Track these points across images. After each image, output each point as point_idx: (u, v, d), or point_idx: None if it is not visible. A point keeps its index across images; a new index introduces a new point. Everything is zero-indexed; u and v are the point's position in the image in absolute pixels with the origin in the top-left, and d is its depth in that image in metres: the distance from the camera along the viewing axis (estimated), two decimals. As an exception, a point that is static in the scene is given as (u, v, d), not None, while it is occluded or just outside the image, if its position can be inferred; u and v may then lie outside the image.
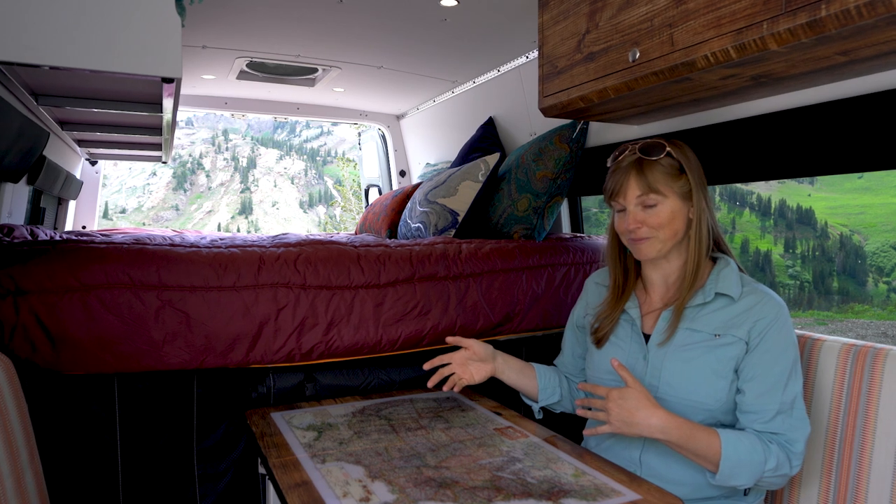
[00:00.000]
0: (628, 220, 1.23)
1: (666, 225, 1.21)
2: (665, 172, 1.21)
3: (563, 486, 1.07)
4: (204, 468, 1.53)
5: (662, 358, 1.23)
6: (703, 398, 1.18)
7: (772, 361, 1.16)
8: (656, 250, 1.24)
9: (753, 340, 1.17)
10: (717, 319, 1.21)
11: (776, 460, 1.11)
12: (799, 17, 0.96)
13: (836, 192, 44.64)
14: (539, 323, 1.92)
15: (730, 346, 1.18)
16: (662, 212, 1.21)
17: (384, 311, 1.67)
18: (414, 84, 3.00)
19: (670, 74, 1.24)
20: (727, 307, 1.21)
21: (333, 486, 1.07)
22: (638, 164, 1.22)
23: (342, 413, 1.49)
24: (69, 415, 1.41)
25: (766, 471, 1.11)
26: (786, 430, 1.14)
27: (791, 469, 1.13)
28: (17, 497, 1.10)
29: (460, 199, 2.20)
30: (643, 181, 1.21)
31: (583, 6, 1.47)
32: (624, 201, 1.24)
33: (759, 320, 1.17)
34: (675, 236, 1.23)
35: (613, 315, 1.33)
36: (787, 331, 1.18)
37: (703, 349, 1.20)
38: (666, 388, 1.22)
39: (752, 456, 1.11)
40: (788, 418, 1.14)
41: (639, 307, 1.32)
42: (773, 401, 1.15)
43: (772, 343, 1.16)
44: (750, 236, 44.36)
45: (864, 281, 39.32)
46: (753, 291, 1.21)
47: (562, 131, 2.10)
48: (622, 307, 1.33)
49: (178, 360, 1.47)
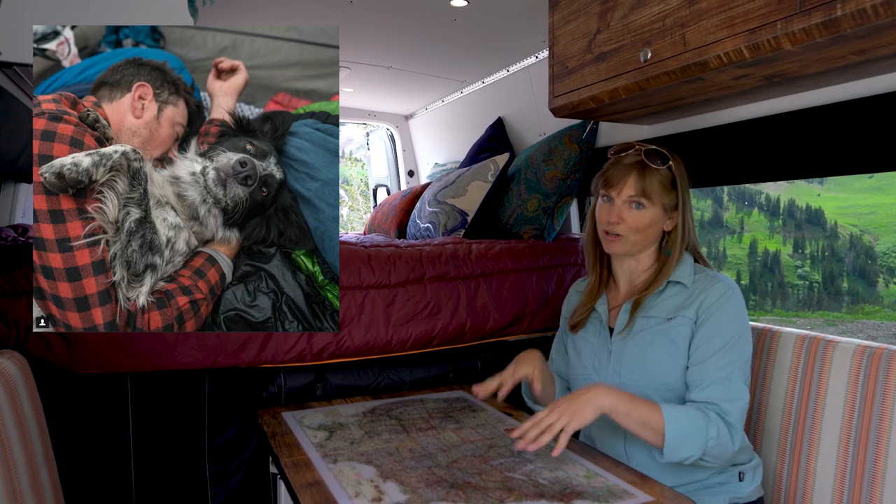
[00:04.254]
0: (612, 211, 1.30)
1: (642, 230, 1.28)
2: (661, 182, 1.28)
3: (575, 488, 1.07)
4: (215, 467, 1.54)
5: (622, 346, 1.30)
6: (662, 378, 1.24)
7: (711, 334, 1.20)
8: (624, 249, 1.31)
9: (700, 318, 1.23)
10: (670, 305, 1.28)
11: (716, 427, 1.13)
12: (814, 16, 0.95)
13: (846, 191, 44.29)
14: (549, 323, 1.92)
15: (680, 327, 1.24)
16: (643, 217, 1.28)
17: (394, 312, 1.68)
18: (423, 84, 3.01)
19: (682, 74, 1.24)
20: (680, 293, 1.28)
21: (346, 485, 1.08)
22: (641, 166, 1.28)
23: (353, 413, 1.49)
24: (83, 413, 1.42)
25: (709, 439, 1.12)
26: (720, 399, 1.16)
27: (732, 442, 1.15)
28: (32, 494, 1.11)
29: (469, 199, 2.20)
30: (640, 184, 1.27)
31: (594, 6, 1.47)
32: (616, 195, 1.30)
33: (705, 300, 1.23)
34: (644, 241, 1.30)
35: (588, 307, 1.40)
36: (733, 308, 1.22)
37: (657, 333, 1.26)
38: (627, 374, 1.28)
39: (693, 422, 1.13)
40: (724, 388, 1.17)
41: (607, 303, 1.39)
42: (708, 369, 1.18)
43: (715, 319, 1.21)
44: (758, 236, 44.09)
45: (874, 281, 39.00)
46: (704, 277, 1.28)
47: (571, 131, 2.09)
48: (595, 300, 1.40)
49: (190, 360, 1.47)
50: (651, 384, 1.25)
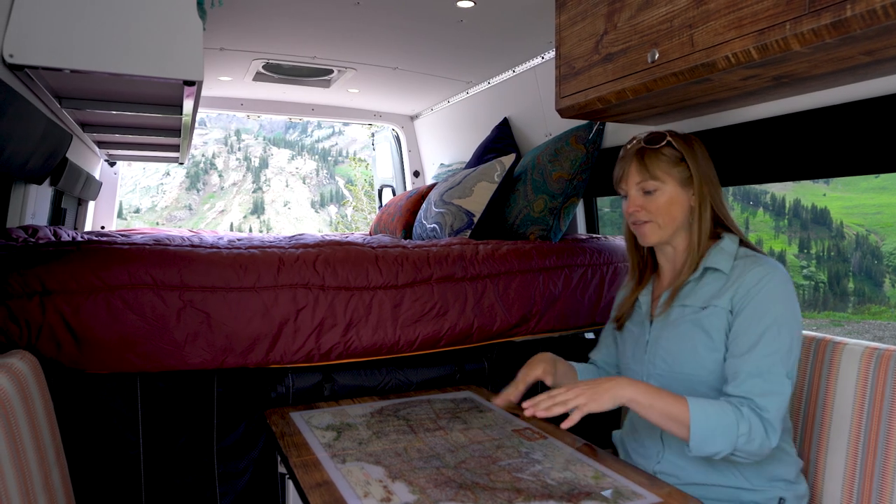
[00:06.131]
0: (629, 203, 1.30)
1: (664, 210, 1.26)
2: (665, 161, 1.27)
3: (584, 489, 1.07)
4: (224, 467, 1.55)
5: (658, 336, 1.30)
6: (693, 369, 1.22)
7: (747, 325, 1.15)
8: (657, 236, 1.29)
9: (736, 307, 1.17)
10: (706, 293, 1.24)
11: (748, 424, 1.08)
12: (823, 17, 0.95)
13: (852, 191, 44.03)
14: (556, 324, 1.92)
15: (713, 317, 1.20)
16: (660, 197, 1.27)
17: (402, 312, 1.68)
18: (428, 85, 3.01)
19: (690, 75, 1.24)
20: (717, 280, 1.23)
21: (354, 486, 1.08)
22: (640, 152, 1.29)
23: (360, 413, 1.50)
24: (93, 413, 1.43)
25: (739, 434, 1.08)
26: (755, 394, 1.10)
27: (768, 438, 1.09)
28: (44, 493, 1.12)
29: (476, 199, 2.20)
30: (643, 168, 1.27)
31: (601, 7, 1.47)
32: (626, 186, 1.31)
33: (742, 286, 1.17)
34: (673, 222, 1.27)
35: (630, 300, 1.41)
36: (772, 293, 1.15)
37: (690, 323, 1.24)
38: (661, 364, 1.27)
39: (723, 419, 1.09)
40: (761, 382, 1.11)
41: (650, 293, 1.38)
42: (745, 363, 1.13)
43: (751, 308, 1.15)
44: (764, 236, 43.88)
45: (880, 282, 38.75)
46: (745, 262, 1.21)
47: (578, 132, 2.09)
48: (637, 294, 1.40)
49: (200, 360, 1.48)
50: (682, 374, 1.23)
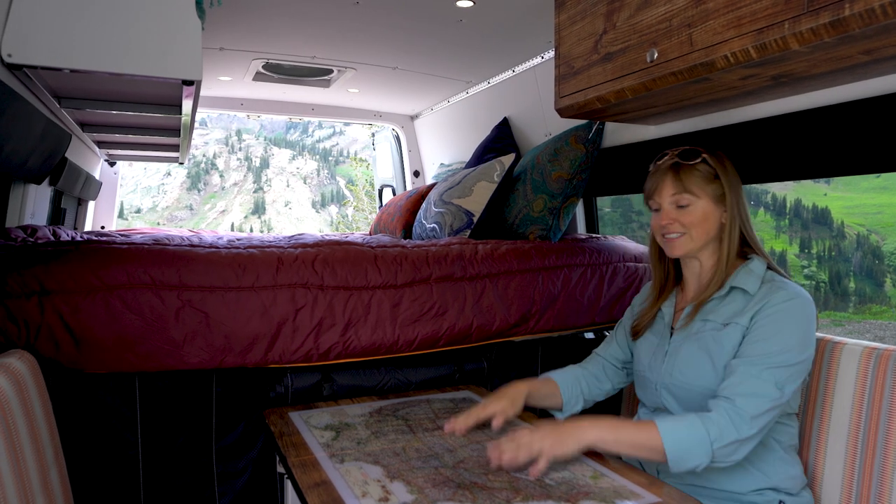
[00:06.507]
0: (662, 216, 1.30)
1: (698, 224, 1.27)
2: (699, 176, 1.27)
3: (582, 489, 1.07)
4: (223, 466, 1.55)
5: (678, 347, 1.30)
6: (708, 383, 1.22)
7: (759, 333, 1.16)
8: (686, 248, 1.29)
9: (751, 325, 1.19)
10: (729, 311, 1.24)
11: (717, 425, 1.09)
12: (822, 16, 0.95)
13: (853, 191, 43.99)
14: (555, 324, 1.92)
15: (734, 334, 1.21)
16: (695, 211, 1.27)
17: (401, 312, 1.68)
18: (428, 85, 3.01)
19: (689, 75, 1.23)
20: (741, 299, 1.24)
21: (352, 485, 1.08)
22: (675, 167, 1.28)
23: (359, 413, 1.50)
24: (91, 413, 1.43)
25: (712, 440, 1.08)
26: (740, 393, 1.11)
27: (737, 432, 1.09)
28: (43, 493, 1.12)
29: (475, 199, 2.20)
30: (678, 182, 1.27)
31: (600, 6, 1.47)
32: (659, 199, 1.30)
33: (763, 308, 1.18)
34: (706, 235, 1.28)
35: (651, 312, 1.41)
36: (792, 314, 1.16)
37: (711, 338, 1.24)
38: (678, 376, 1.27)
39: (693, 432, 1.10)
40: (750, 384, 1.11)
41: (674, 305, 1.38)
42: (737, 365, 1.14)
43: (771, 320, 1.16)
44: (765, 236, 43.88)
45: (881, 281, 38.70)
46: (772, 285, 1.22)
47: (577, 132, 2.09)
48: (659, 306, 1.40)
49: (198, 360, 1.48)
50: (699, 388, 1.23)
